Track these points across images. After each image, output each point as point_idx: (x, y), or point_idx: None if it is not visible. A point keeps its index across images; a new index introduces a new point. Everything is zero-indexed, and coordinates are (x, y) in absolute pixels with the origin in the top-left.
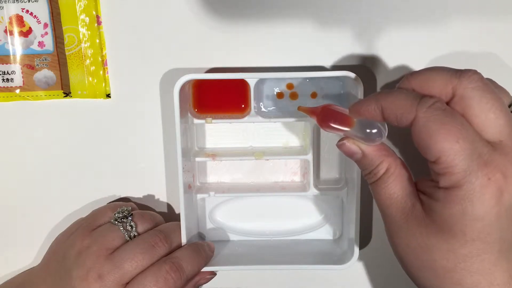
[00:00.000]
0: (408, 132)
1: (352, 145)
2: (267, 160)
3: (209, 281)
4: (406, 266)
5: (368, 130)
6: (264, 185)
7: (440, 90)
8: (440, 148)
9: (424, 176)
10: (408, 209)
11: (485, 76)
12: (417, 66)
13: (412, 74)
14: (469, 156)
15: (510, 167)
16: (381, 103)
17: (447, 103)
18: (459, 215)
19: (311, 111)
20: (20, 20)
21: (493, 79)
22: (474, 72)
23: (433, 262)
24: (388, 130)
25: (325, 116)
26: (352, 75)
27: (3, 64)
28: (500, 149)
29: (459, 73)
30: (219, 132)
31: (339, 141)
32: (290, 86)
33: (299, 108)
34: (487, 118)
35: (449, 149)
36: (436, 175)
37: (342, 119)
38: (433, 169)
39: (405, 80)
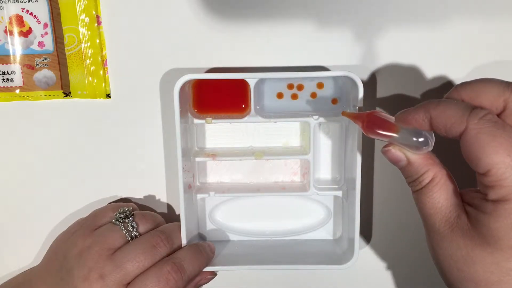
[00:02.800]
0: (454, 142)
1: (397, 152)
2: (267, 160)
3: (209, 281)
4: (446, 276)
5: (415, 139)
6: (264, 185)
7: (491, 102)
8: (490, 161)
9: (470, 188)
10: (453, 220)
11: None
12: (417, 65)
13: (462, 84)
14: None
15: None
16: (430, 112)
17: (498, 116)
18: (507, 228)
19: (356, 117)
20: (20, 20)
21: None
22: None
23: (476, 274)
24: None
25: (370, 123)
26: (352, 75)
27: (3, 64)
28: None
29: (511, 86)
30: (219, 132)
31: (384, 147)
32: (290, 86)
33: (343, 113)
34: None
35: (500, 162)
36: (484, 187)
37: (388, 126)
38: (482, 182)
39: (454, 91)
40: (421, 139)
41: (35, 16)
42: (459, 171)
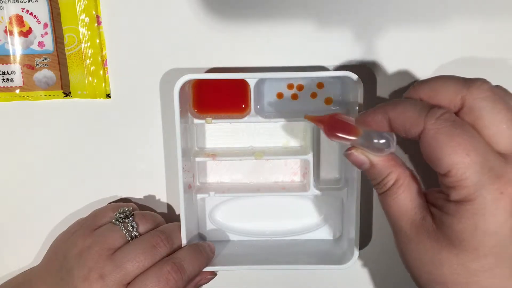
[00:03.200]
0: (418, 141)
1: (360, 155)
2: (267, 160)
3: (209, 281)
4: (416, 279)
5: (375, 141)
6: (264, 185)
7: (449, 100)
8: (450, 161)
9: (435, 187)
10: (418, 222)
11: (493, 82)
12: (417, 65)
13: (420, 83)
14: (481, 169)
15: None
16: (388, 114)
17: (457, 114)
18: (471, 229)
19: (318, 120)
20: (20, 20)
21: (503, 86)
22: (484, 81)
23: (444, 276)
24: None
25: (331, 126)
26: (352, 75)
27: (3, 64)
28: None
29: (468, 83)
30: (219, 132)
31: (347, 150)
32: (290, 86)
33: (305, 117)
34: (499, 129)
35: (460, 162)
36: (446, 188)
37: (349, 129)
38: (444, 182)
39: (412, 90)
40: (382, 141)
41: (35, 16)
42: (425, 170)
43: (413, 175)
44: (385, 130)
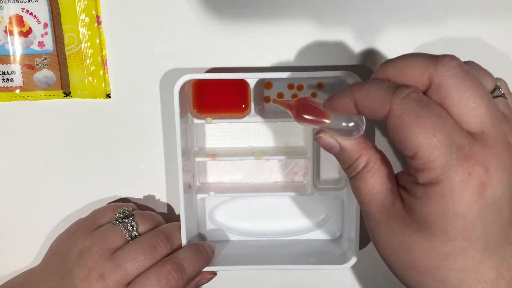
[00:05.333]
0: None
1: (329, 139)
2: (267, 160)
3: (209, 280)
4: (388, 264)
5: (344, 124)
6: (264, 185)
7: (416, 79)
8: (416, 143)
9: (404, 170)
10: (388, 206)
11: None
12: None
13: (386, 62)
14: (448, 150)
15: (492, 160)
16: (354, 96)
17: (424, 93)
18: (440, 212)
19: (286, 105)
20: (20, 20)
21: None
22: (452, 57)
23: (415, 260)
24: (367, 123)
25: (299, 109)
26: (352, 75)
27: (3, 64)
28: (482, 141)
29: (435, 60)
30: (219, 132)
31: (316, 133)
32: (290, 86)
33: (274, 101)
34: (467, 107)
35: (426, 143)
36: (414, 170)
37: (317, 113)
38: (411, 165)
39: (379, 70)
40: (350, 124)
41: (35, 16)
42: (398, 152)
43: (384, 158)
44: (353, 113)
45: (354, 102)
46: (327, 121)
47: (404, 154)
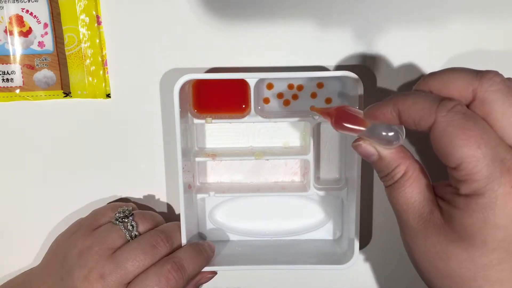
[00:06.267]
0: (427, 134)
1: (368, 146)
2: (267, 160)
3: (209, 280)
4: (422, 273)
5: (384, 133)
6: (264, 185)
7: (459, 93)
8: (461, 154)
9: (443, 181)
10: (426, 215)
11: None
12: (417, 65)
13: (430, 75)
14: (492, 163)
15: None
16: (398, 106)
17: (467, 107)
18: (480, 224)
19: (325, 112)
20: (20, 20)
21: None
22: (496, 73)
23: (451, 270)
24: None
25: (339, 118)
26: (352, 75)
27: (3, 64)
28: None
29: (480, 75)
30: (219, 132)
31: (355, 141)
32: (290, 86)
33: (311, 108)
34: (510, 122)
35: (471, 155)
36: (456, 181)
37: (358, 121)
38: (453, 176)
39: (422, 82)
40: (390, 134)
41: (35, 16)
42: (433, 163)
43: (422, 168)
44: (394, 123)
45: (397, 112)
46: (365, 129)
47: (447, 165)
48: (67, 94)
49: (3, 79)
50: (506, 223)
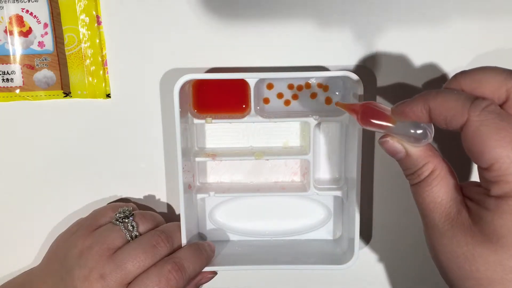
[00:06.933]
0: (453, 134)
1: (395, 143)
2: (267, 160)
3: (210, 280)
4: (446, 274)
5: (413, 131)
6: (264, 185)
7: (493, 92)
8: (494, 155)
9: (471, 181)
10: (453, 216)
11: None
12: (417, 65)
13: (462, 73)
14: None
15: None
16: (429, 103)
17: (500, 106)
18: (511, 226)
19: (351, 108)
20: (20, 20)
21: None
22: None
23: (478, 272)
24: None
25: (365, 113)
26: (352, 75)
27: (3, 64)
28: None
29: None
30: (219, 132)
31: (382, 137)
32: (290, 86)
33: (337, 104)
34: None
35: (505, 156)
36: (487, 182)
37: (385, 117)
38: (485, 176)
39: (453, 80)
40: (419, 131)
41: (35, 16)
42: (460, 163)
43: (450, 167)
44: (424, 121)
45: (427, 109)
46: (393, 125)
47: (478, 165)
48: (67, 94)
49: (3, 79)
50: None
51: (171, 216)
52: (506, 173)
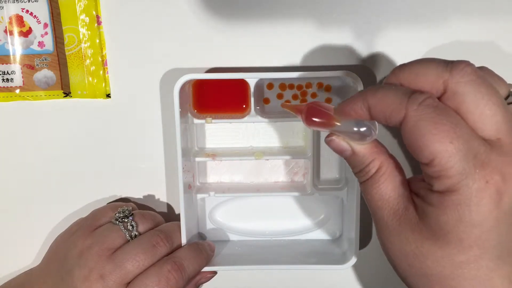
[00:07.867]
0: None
1: (341, 142)
2: (267, 160)
3: (209, 279)
4: (399, 272)
5: (356, 129)
6: (264, 185)
7: (431, 85)
8: (432, 150)
9: (417, 175)
10: (401, 212)
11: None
12: None
13: (400, 67)
14: (465, 157)
15: (509, 168)
16: (368, 101)
17: (439, 99)
18: (455, 221)
19: (296, 109)
20: (20, 20)
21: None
22: (467, 64)
23: (428, 269)
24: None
25: (309, 114)
26: (352, 75)
27: (3, 64)
28: (498, 148)
29: (451, 66)
30: (219, 132)
31: (327, 136)
32: (290, 86)
33: (282, 105)
34: (483, 114)
35: (443, 150)
36: (429, 178)
37: (328, 117)
38: (426, 172)
39: (392, 75)
40: (362, 129)
41: (35, 16)
42: (410, 158)
43: (397, 163)
44: (366, 118)
45: (367, 107)
46: (338, 124)
47: (419, 161)
48: (67, 94)
49: (3, 79)
50: (481, 220)
51: (171, 216)
52: (446, 167)
